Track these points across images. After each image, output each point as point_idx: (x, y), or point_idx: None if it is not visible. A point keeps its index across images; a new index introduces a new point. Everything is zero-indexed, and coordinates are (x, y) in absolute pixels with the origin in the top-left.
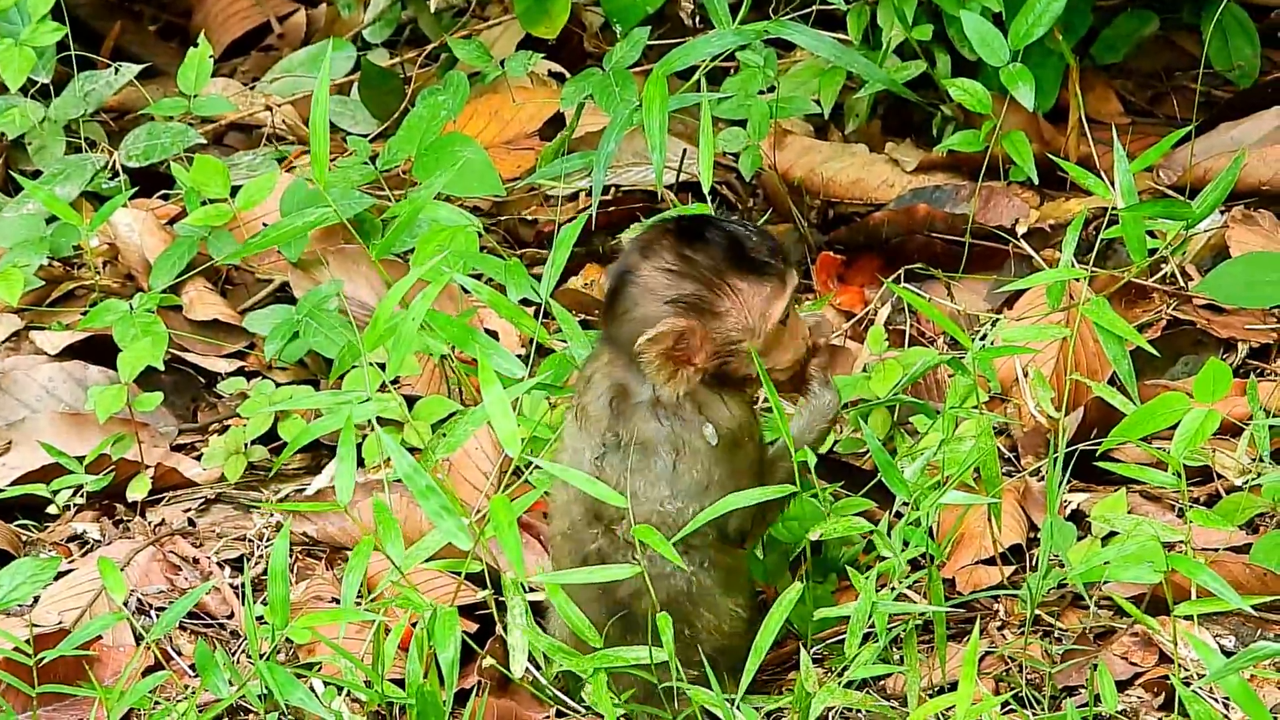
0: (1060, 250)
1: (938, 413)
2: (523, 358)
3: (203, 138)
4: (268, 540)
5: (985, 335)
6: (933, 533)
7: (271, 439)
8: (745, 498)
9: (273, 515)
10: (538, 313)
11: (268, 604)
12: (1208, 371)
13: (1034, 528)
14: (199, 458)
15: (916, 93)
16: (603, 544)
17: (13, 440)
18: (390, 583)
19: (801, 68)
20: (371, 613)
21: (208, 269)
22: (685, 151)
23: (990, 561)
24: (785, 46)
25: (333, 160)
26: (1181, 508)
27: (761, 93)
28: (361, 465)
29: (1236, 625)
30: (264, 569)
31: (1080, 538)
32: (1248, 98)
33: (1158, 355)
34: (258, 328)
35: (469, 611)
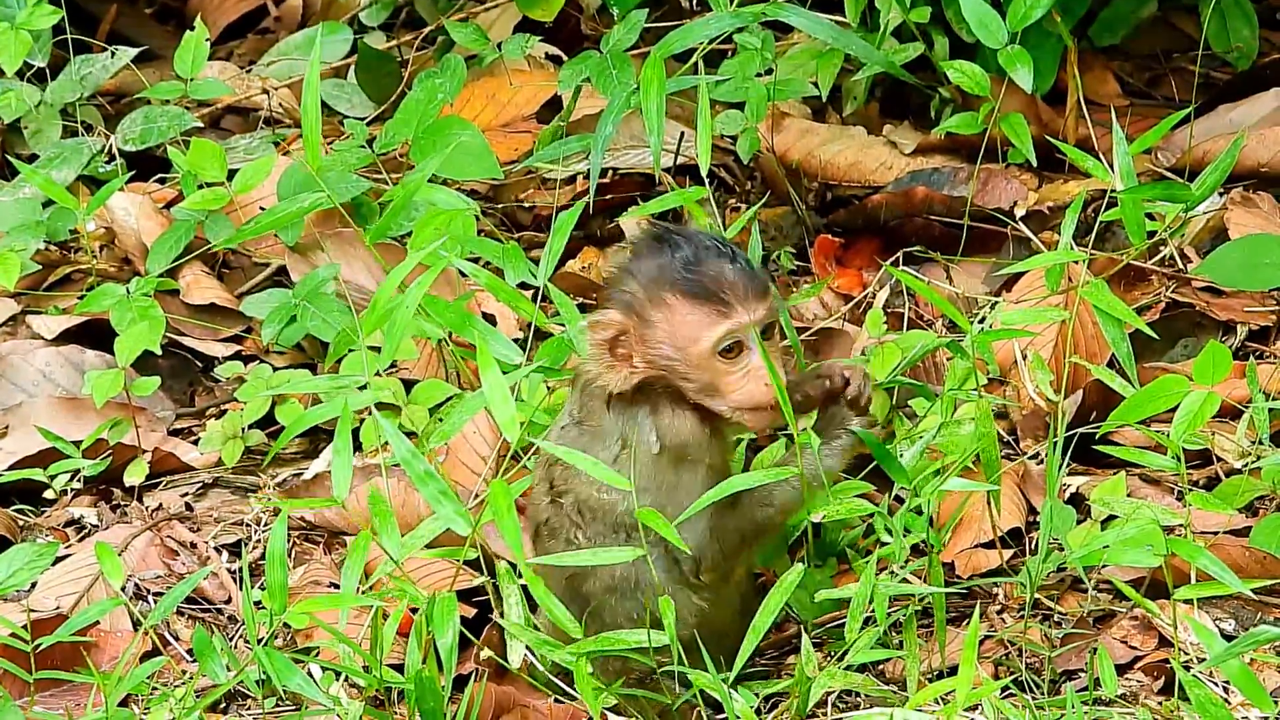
0: (1059, 233)
1: (937, 395)
2: (520, 341)
3: (199, 121)
4: (265, 524)
5: (984, 318)
6: (932, 518)
7: (269, 423)
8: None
9: (270, 499)
10: (536, 296)
11: (265, 589)
12: (1207, 355)
13: (1033, 511)
14: (196, 442)
15: (915, 75)
16: (551, 514)
17: (10, 425)
18: (386, 574)
19: (799, 50)
20: (370, 599)
21: (205, 253)
22: (683, 134)
23: (990, 545)
24: (783, 29)
25: (330, 143)
26: (1181, 490)
27: (759, 75)
28: (360, 449)
29: (1237, 608)
30: (262, 554)
31: (1080, 521)
32: (1246, 79)
33: (1157, 338)
34: (255, 312)
35: (467, 596)
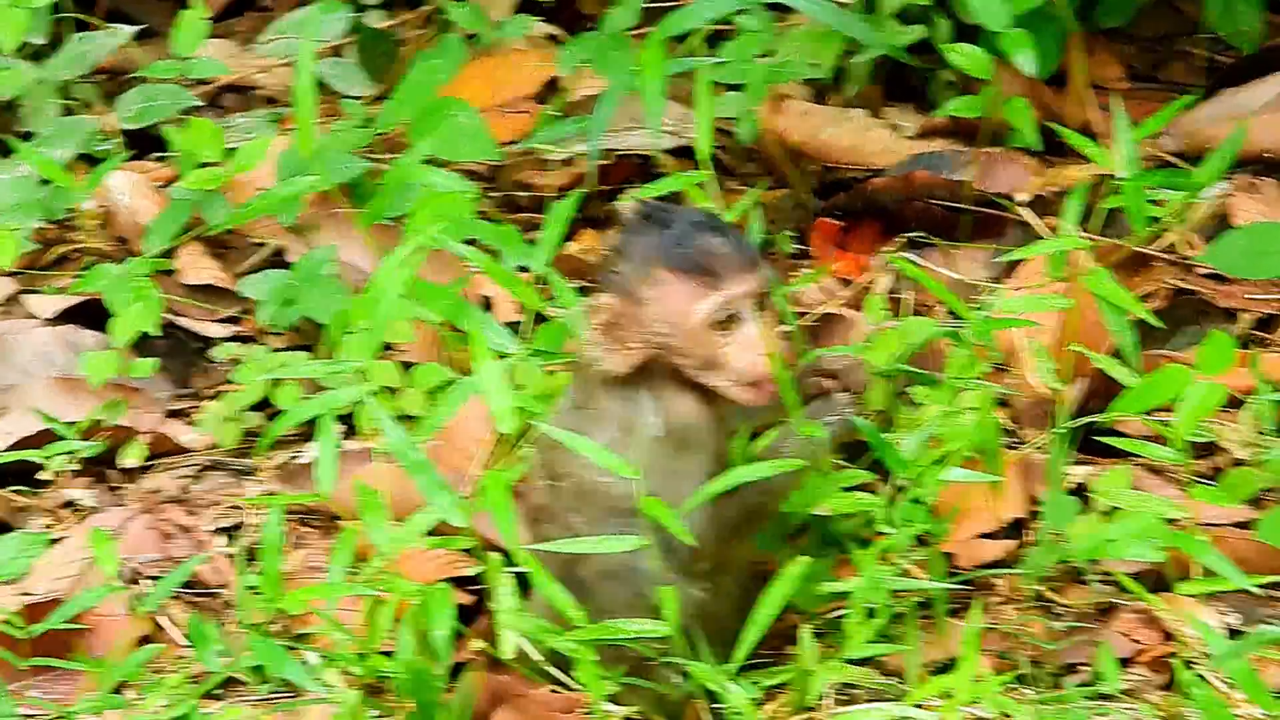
0: (1062, 218)
1: (938, 381)
2: (518, 325)
3: (198, 99)
4: (262, 508)
5: (984, 306)
6: (933, 509)
7: (266, 405)
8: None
9: (261, 497)
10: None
11: (261, 575)
12: (1211, 344)
13: (1036, 501)
14: (193, 424)
15: (917, 58)
16: (549, 499)
17: (5, 405)
18: (379, 566)
19: (800, 32)
20: (364, 588)
21: (202, 233)
22: (682, 116)
23: (991, 536)
24: (784, 10)
25: (327, 123)
26: (1185, 481)
27: (759, 57)
28: (357, 433)
29: (1242, 601)
30: (258, 538)
31: (1082, 511)
32: (1251, 63)
33: (1161, 326)
34: (252, 292)
35: (466, 582)
